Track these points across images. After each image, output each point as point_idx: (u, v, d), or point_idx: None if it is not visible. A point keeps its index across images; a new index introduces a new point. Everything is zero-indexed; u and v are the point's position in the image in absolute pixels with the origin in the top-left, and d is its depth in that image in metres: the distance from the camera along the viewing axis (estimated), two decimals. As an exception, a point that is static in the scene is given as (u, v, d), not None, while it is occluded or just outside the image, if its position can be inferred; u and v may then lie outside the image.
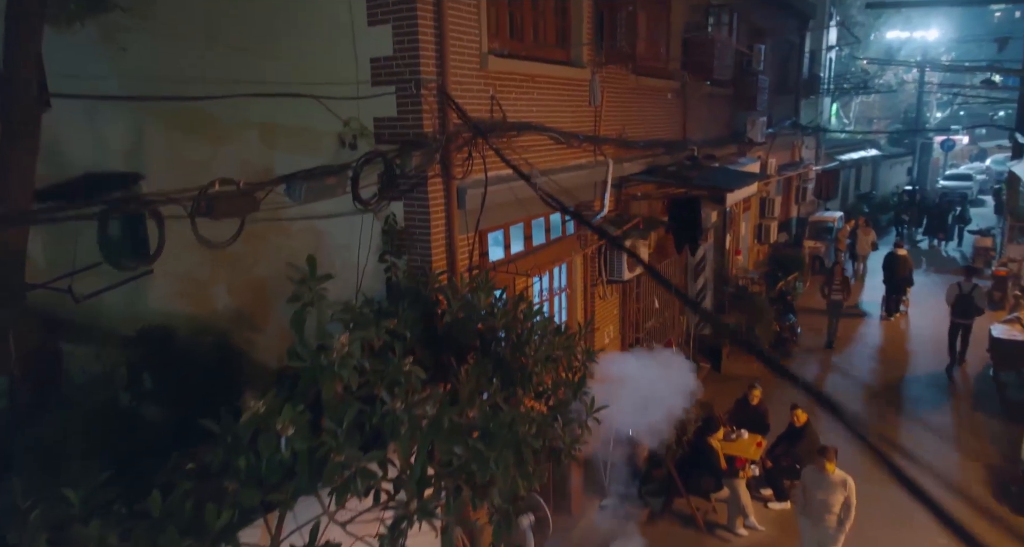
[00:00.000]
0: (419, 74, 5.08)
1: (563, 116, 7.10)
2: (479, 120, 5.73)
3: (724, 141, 12.48)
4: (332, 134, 5.57)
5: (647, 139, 9.19)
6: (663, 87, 9.48)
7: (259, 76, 5.94)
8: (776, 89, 16.31)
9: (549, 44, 7.02)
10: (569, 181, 7.02)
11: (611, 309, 8.73)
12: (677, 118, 10.28)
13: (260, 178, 6.14)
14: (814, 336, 12.76)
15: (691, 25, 10.41)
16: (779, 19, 15.69)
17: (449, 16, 5.25)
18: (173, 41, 6.46)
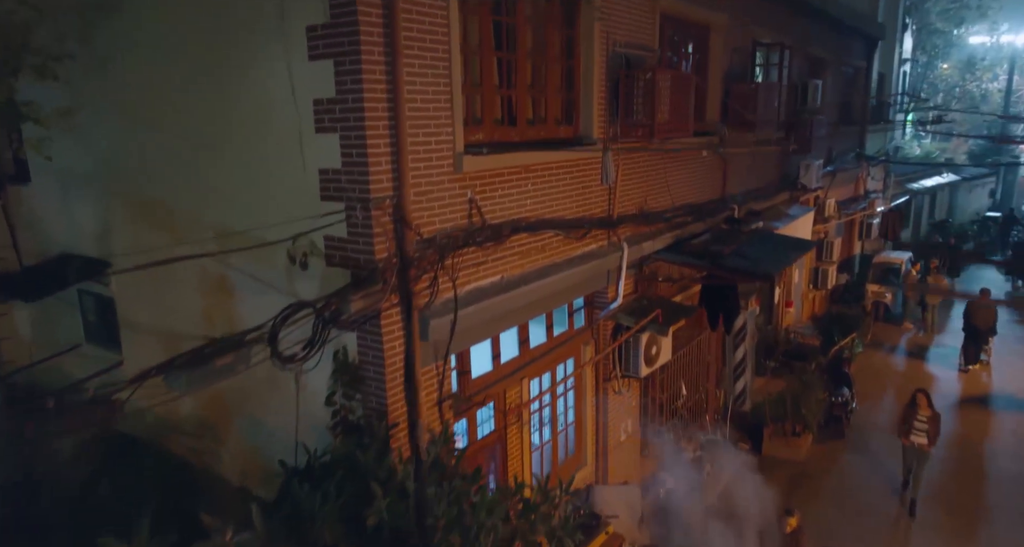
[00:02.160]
0: (369, 193, 4.32)
1: (567, 203, 6.22)
2: (452, 230, 4.94)
3: (773, 190, 11.29)
4: (285, 247, 4.87)
5: (676, 206, 8.20)
6: (695, 147, 8.45)
7: (210, 176, 5.31)
8: (839, 119, 14.92)
9: (551, 122, 6.15)
10: (573, 278, 6.14)
11: (630, 402, 7.78)
12: (714, 175, 9.22)
13: (217, 288, 5.56)
14: (872, 408, 11.41)
15: (733, 70, 9.34)
16: (842, 46, 14.30)
17: (410, 119, 4.47)
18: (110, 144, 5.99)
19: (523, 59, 5.70)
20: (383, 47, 4.24)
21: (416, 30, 4.46)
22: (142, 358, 6.61)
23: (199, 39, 5.05)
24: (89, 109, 6.27)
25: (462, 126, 4.92)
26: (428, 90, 4.61)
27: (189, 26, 5.09)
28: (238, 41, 4.75)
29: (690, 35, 8.36)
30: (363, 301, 4.16)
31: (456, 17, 4.71)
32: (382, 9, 4.19)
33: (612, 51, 6.57)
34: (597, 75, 6.38)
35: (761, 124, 9.29)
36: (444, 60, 4.69)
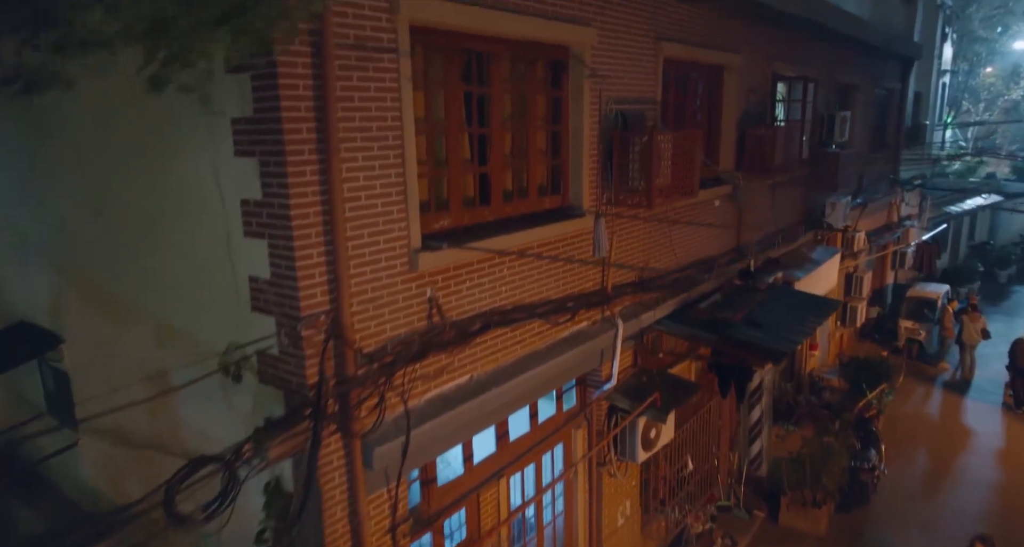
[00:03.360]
0: (298, 310, 3.75)
1: (552, 282, 5.59)
2: (408, 336, 4.35)
3: (795, 232, 10.50)
4: (219, 354, 4.33)
5: (682, 266, 7.51)
6: (704, 199, 7.75)
7: (149, 266, 4.81)
8: (871, 146, 14.02)
9: (533, 194, 5.53)
10: (559, 367, 5.51)
11: (628, 482, 7.12)
12: (728, 225, 8.50)
13: (159, 384, 5.05)
14: (903, 470, 10.54)
15: (750, 110, 8.60)
16: (874, 69, 13.41)
17: (351, 220, 3.90)
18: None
19: (499, 130, 5.09)
20: (315, 144, 3.67)
21: (359, 119, 3.88)
22: (95, 445, 6.19)
23: (132, 117, 4.55)
24: (39, 177, 5.84)
25: (418, 218, 4.32)
26: (375, 184, 4.03)
27: (122, 103, 4.58)
28: (165, 124, 4.22)
29: (700, 77, 7.67)
30: (286, 445, 3.59)
31: (410, 99, 4.13)
32: (313, 102, 3.62)
33: (606, 109, 5.93)
34: (588, 138, 5.74)
35: (780, 169, 8.55)
36: (396, 148, 4.11)
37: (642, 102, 6.42)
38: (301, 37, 3.52)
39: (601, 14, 5.67)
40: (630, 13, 6.04)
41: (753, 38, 8.38)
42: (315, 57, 3.58)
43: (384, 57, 3.96)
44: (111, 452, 5.92)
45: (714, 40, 7.53)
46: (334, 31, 3.65)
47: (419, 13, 4.09)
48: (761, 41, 8.62)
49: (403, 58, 4.04)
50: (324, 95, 3.61)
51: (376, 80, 3.94)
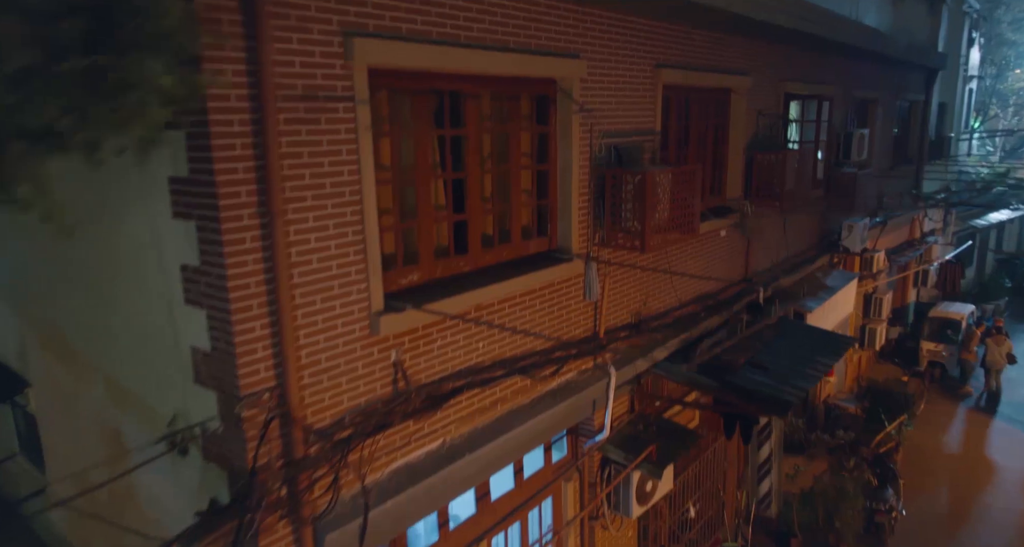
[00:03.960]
0: (237, 388, 3.41)
1: (538, 332, 5.22)
2: (370, 404, 4.00)
3: (809, 256, 10.02)
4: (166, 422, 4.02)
5: (684, 303, 7.09)
6: (709, 230, 7.33)
7: (103, 323, 4.51)
8: (891, 161, 13.46)
9: (517, 238, 5.15)
10: (544, 423, 5.14)
11: (623, 534, 6.72)
12: (735, 255, 8.06)
13: (113, 442, 4.76)
14: (922, 509, 9.99)
15: (759, 134, 8.15)
16: (895, 82, 12.84)
17: (301, 287, 3.56)
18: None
19: (476, 173, 4.72)
20: (256, 208, 3.33)
21: (310, 176, 3.54)
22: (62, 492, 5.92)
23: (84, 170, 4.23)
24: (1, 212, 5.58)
25: (381, 277, 3.97)
26: (329, 245, 3.68)
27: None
28: (113, 180, 3.91)
29: (705, 102, 7.24)
30: (221, 543, 3.26)
31: (369, 150, 3.77)
32: (253, 160, 3.28)
33: (598, 144, 5.54)
34: (577, 177, 5.36)
35: (791, 196, 8.09)
36: (354, 204, 3.76)
37: (639, 134, 6.02)
38: (238, 91, 3.19)
39: (591, 44, 5.28)
40: (625, 41, 5.64)
41: (763, 58, 7.93)
42: (255, 113, 3.24)
43: (339, 106, 3.62)
44: (75, 502, 5.65)
45: (720, 63, 7.10)
46: (278, 82, 3.31)
47: (378, 57, 3.74)
48: (772, 61, 8.17)
49: (361, 106, 3.69)
50: (266, 154, 3.27)
51: (330, 132, 3.59)
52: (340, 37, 3.57)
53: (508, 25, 4.55)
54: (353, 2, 3.61)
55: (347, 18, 3.59)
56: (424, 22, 4.00)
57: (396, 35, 3.83)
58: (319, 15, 3.47)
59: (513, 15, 4.57)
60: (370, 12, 3.70)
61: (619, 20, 5.52)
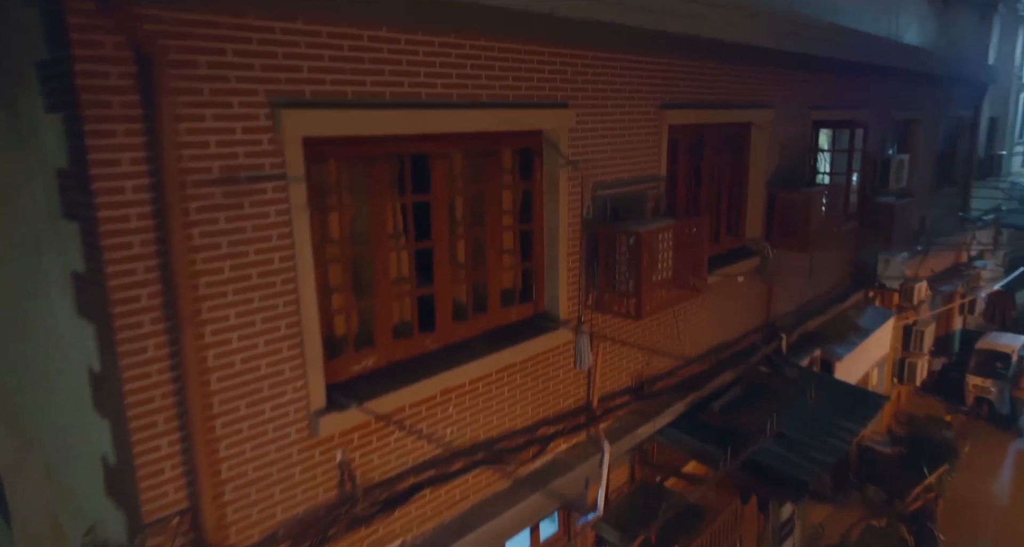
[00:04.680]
0: (139, 513, 2.99)
1: (518, 408, 4.72)
2: (309, 513, 3.56)
3: (841, 294, 9.30)
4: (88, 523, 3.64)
5: (693, 357, 6.51)
6: (724, 277, 6.72)
7: (38, 410, 4.16)
8: (936, 183, 12.58)
9: (494, 306, 4.66)
10: (526, 509, 4.64)
11: (623, 613, 6.16)
12: (754, 301, 7.43)
13: (55, 534, 4.42)
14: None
15: (783, 168, 7.51)
16: (939, 99, 11.97)
17: (220, 393, 3.13)
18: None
19: (445, 241, 4.24)
20: (160, 311, 2.90)
21: (230, 269, 3.11)
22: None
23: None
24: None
25: (322, 371, 3.52)
26: (257, 343, 3.25)
27: None
28: (18, 250, 3.55)
29: (720, 139, 6.64)
30: None
31: (305, 231, 3.33)
32: (156, 258, 2.86)
33: (591, 197, 5.02)
34: (566, 236, 4.84)
35: (818, 235, 7.42)
36: (287, 294, 3.32)
37: (640, 181, 5.47)
38: (136, 181, 2.77)
39: (583, 90, 4.76)
40: (623, 82, 5.11)
41: (788, 87, 7.29)
42: (156, 204, 2.82)
43: (267, 186, 3.18)
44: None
45: (737, 96, 6.50)
46: (187, 167, 2.89)
47: (317, 128, 3.30)
48: (798, 89, 7.52)
49: (295, 185, 3.25)
50: (171, 250, 2.84)
51: (255, 217, 3.16)
52: (267, 109, 3.13)
53: (480, 77, 4.06)
54: (284, 68, 3.17)
55: (277, 86, 3.15)
56: (376, 82, 3.54)
57: (339, 101, 3.38)
58: (241, 86, 3.03)
59: (486, 66, 4.08)
60: (306, 77, 3.25)
61: (615, 60, 4.99)
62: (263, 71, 3.10)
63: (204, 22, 2.88)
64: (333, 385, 3.66)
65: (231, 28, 2.97)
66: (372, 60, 3.51)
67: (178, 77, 2.83)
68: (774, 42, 6.27)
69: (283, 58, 3.16)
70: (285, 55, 3.16)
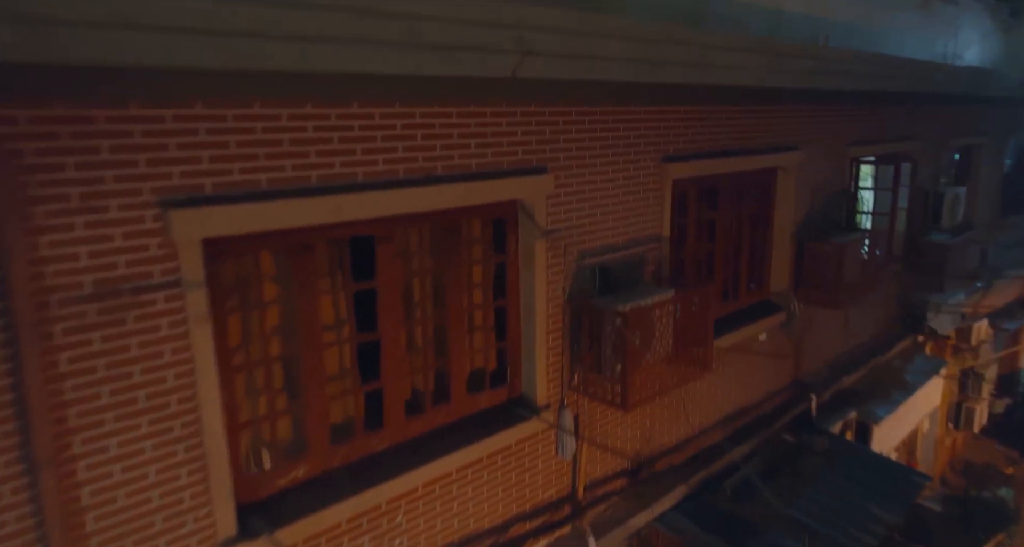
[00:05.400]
0: None
1: (490, 508, 4.22)
2: None
3: (883, 344, 8.47)
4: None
5: (703, 428, 5.89)
6: (742, 339, 6.07)
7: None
8: (1000, 211, 11.51)
9: (459, 394, 4.17)
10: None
11: None
12: (779, 360, 6.74)
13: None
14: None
15: (816, 210, 6.79)
16: (1004, 121, 10.92)
17: (98, 533, 2.73)
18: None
19: (394, 329, 3.77)
20: (16, 452, 2.52)
21: (109, 394, 2.70)
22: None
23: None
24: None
25: (232, 494, 3.10)
26: (148, 472, 2.84)
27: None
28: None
29: (738, 188, 6.00)
30: None
31: (207, 342, 2.91)
32: (11, 392, 2.47)
33: (577, 266, 4.48)
34: (545, 311, 4.32)
35: (853, 287, 6.68)
36: (185, 413, 2.90)
37: (638, 244, 4.90)
38: (-17, 307, 2.39)
39: (565, 149, 4.24)
40: (615, 137, 4.55)
41: (820, 123, 6.59)
42: (7, 331, 2.43)
43: (158, 297, 2.77)
44: None
45: (758, 140, 5.85)
46: (49, 285, 2.50)
47: (219, 227, 2.87)
48: (833, 125, 6.80)
49: (193, 292, 2.83)
50: (24, 384, 2.46)
51: (143, 332, 2.75)
52: (156, 209, 2.72)
53: (434, 148, 3.59)
54: (177, 161, 2.75)
55: (168, 183, 2.74)
56: (299, 166, 3.10)
57: (249, 193, 2.95)
58: (120, 187, 2.63)
59: (442, 135, 3.60)
60: (207, 169, 2.83)
61: (605, 115, 4.44)
62: (150, 167, 2.69)
63: (71, 118, 2.49)
64: (252, 505, 3.24)
65: (107, 121, 2.57)
66: (294, 141, 3.07)
67: (36, 184, 2.44)
68: (797, 81, 5.61)
69: (176, 149, 2.74)
70: (179, 146, 2.75)
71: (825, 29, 6.33)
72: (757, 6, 5.41)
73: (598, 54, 3.81)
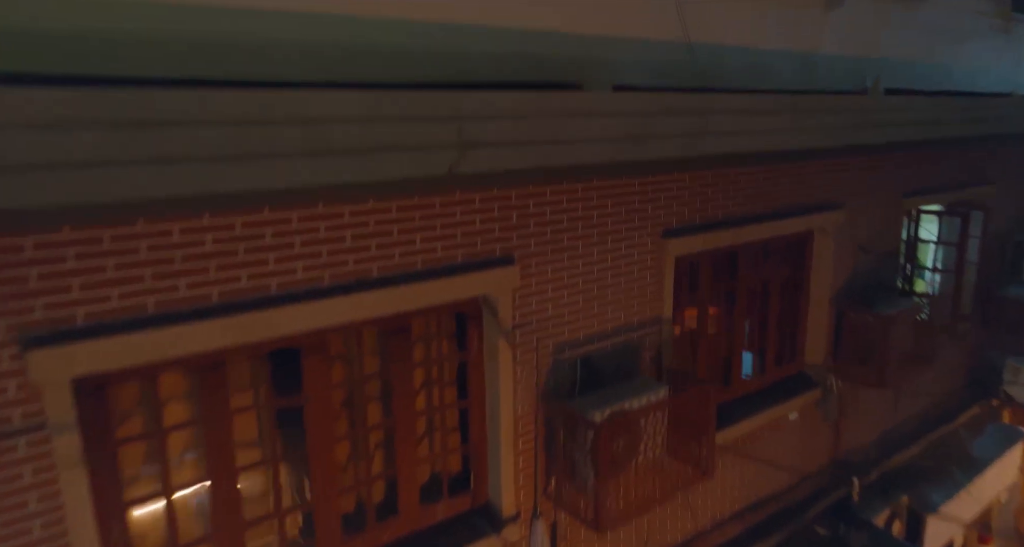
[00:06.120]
0: None
1: (438, 632, 3.80)
2: None
3: (948, 412, 7.53)
4: None
5: (717, 521, 5.27)
6: (768, 421, 5.42)
7: None
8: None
9: (408, 509, 3.75)
10: None
11: None
12: (813, 439, 6.02)
13: None
14: None
15: (862, 271, 6.03)
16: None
17: None
18: None
19: (324, 446, 3.39)
20: None
21: (-41, 552, 2.44)
22: None
23: None
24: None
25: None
26: (9, 632, 2.57)
27: None
28: None
29: (764, 254, 5.35)
30: None
31: (81, 489, 2.61)
32: None
33: (554, 360, 4.00)
34: (511, 414, 3.86)
35: (903, 366, 5.89)
36: (56, 565, 2.62)
37: (632, 330, 4.37)
38: None
39: (537, 235, 3.77)
40: (601, 216, 4.05)
41: (868, 175, 5.85)
42: None
43: (18, 442, 2.49)
44: None
45: (789, 201, 5.20)
46: None
47: (93, 363, 2.56)
48: (886, 175, 6.03)
49: (62, 435, 2.54)
50: None
51: (2, 481, 2.47)
52: (14, 348, 2.44)
53: (369, 248, 3.20)
54: (41, 292, 2.46)
55: (29, 318, 2.45)
56: (195, 284, 2.77)
57: (132, 321, 2.63)
58: (-32, 327, 2.36)
59: (378, 233, 3.21)
60: (78, 298, 2.53)
61: (588, 191, 3.95)
62: (5, 301, 2.41)
63: (-96, 258, 2.23)
64: None
65: (-49, 257, 2.30)
66: (188, 257, 2.74)
67: None
68: (833, 140, 4.94)
69: (39, 280, 2.45)
70: (42, 275, 2.46)
71: (874, 70, 5.61)
72: (786, 51, 4.80)
73: (561, 138, 3.32)
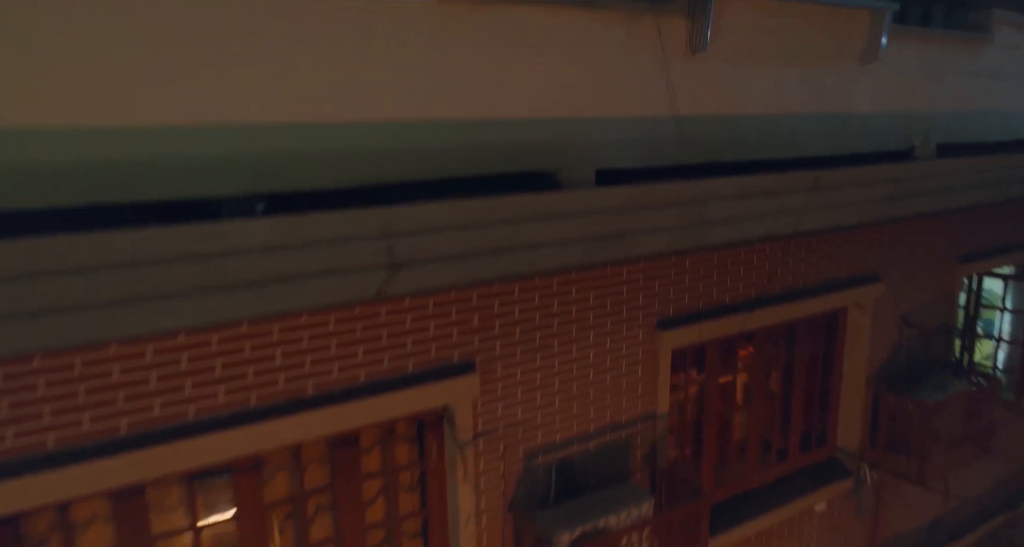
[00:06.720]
0: None
1: None
2: None
3: (1009, 496, 6.74)
4: None
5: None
6: (782, 519, 4.91)
7: None
8: None
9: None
10: None
11: None
12: (847, 529, 5.44)
13: None
14: None
15: (906, 349, 5.42)
16: None
17: None
18: None
19: (265, 565, 3.19)
20: None
21: None
22: None
23: None
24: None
25: None
26: None
27: None
28: None
29: (788, 334, 4.84)
30: None
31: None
32: None
33: (524, 467, 3.68)
34: (471, 530, 3.57)
35: (951, 458, 5.25)
36: None
37: (619, 428, 4.00)
38: None
39: (503, 336, 3.46)
40: (581, 310, 3.69)
41: (917, 241, 5.24)
42: None
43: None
44: None
45: (819, 276, 4.69)
46: None
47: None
48: (936, 239, 5.41)
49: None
50: None
51: None
52: None
53: (303, 365, 2.97)
54: (-78, 439, 2.33)
55: (-91, 465, 2.33)
56: (100, 416, 2.59)
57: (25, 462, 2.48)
58: None
59: (313, 349, 2.97)
60: (-35, 441, 2.40)
61: (564, 284, 3.60)
62: None
63: None
64: None
65: None
66: (92, 390, 2.57)
67: None
68: (865, 215, 4.42)
69: (-80, 427, 2.33)
70: (-75, 421, 2.33)
71: (922, 125, 5.01)
72: (812, 115, 4.32)
73: (518, 243, 3.00)
